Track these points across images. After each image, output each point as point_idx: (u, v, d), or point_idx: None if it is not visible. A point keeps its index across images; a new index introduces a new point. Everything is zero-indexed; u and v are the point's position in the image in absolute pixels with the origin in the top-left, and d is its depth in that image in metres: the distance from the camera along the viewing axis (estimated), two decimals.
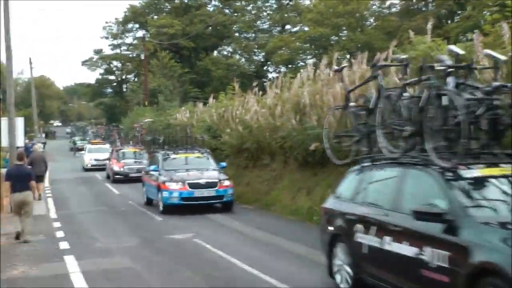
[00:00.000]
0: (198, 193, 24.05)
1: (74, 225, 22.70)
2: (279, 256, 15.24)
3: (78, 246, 17.98)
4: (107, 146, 56.74)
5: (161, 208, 24.47)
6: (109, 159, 43.68)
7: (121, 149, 43.60)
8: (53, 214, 26.07)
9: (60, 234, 20.41)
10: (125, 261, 15.47)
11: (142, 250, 17.00)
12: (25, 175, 19.44)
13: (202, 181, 24.28)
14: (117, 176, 40.01)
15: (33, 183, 19.53)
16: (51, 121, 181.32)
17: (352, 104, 13.67)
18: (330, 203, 12.63)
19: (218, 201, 24.47)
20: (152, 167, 26.37)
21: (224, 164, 26.76)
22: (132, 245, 17.81)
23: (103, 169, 47.18)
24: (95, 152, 53.72)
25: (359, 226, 10.82)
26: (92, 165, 52.02)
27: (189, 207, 23.96)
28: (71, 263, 15.41)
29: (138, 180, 34.52)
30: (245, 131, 28.17)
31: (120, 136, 56.12)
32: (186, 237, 18.59)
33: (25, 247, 18.17)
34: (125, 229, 21.09)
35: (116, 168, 40.40)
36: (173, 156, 26.98)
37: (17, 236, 19.18)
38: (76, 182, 41.86)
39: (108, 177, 42.57)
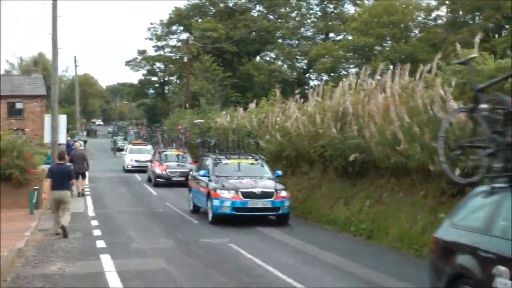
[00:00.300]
0: (252, 203, 21.96)
1: (111, 224, 22.86)
2: (315, 265, 15.18)
3: (114, 245, 18.11)
4: (149, 147, 54.86)
5: (210, 217, 22.56)
6: (151, 161, 41.99)
7: (163, 151, 41.89)
8: (91, 212, 26.28)
9: (97, 232, 20.57)
10: (160, 262, 15.52)
11: (177, 252, 17.06)
12: (65, 174, 20.32)
13: (257, 190, 22.17)
14: (159, 180, 38.00)
15: (73, 181, 21.15)
16: (93, 120, 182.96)
17: (483, 106, 10.37)
18: (447, 232, 10.22)
19: (273, 213, 22.43)
20: (202, 172, 24.40)
21: (280, 172, 24.70)
22: (167, 247, 17.88)
23: (143, 171, 45.65)
24: (136, 153, 52.09)
25: (502, 269, 8.32)
26: (132, 166, 50.35)
27: (240, 218, 22.16)
28: (106, 262, 15.56)
29: (180, 184, 35.04)
30: (284, 138, 28.09)
31: (164, 137, 53.07)
32: (221, 242, 18.61)
33: (63, 243, 18.34)
34: (161, 231, 21.17)
35: (158, 171, 38.35)
36: (225, 161, 24.71)
37: (64, 232, 19.56)
38: (115, 182, 41.39)
39: (149, 180, 40.76)
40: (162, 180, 37.88)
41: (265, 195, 22.06)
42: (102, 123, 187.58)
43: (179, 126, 52.25)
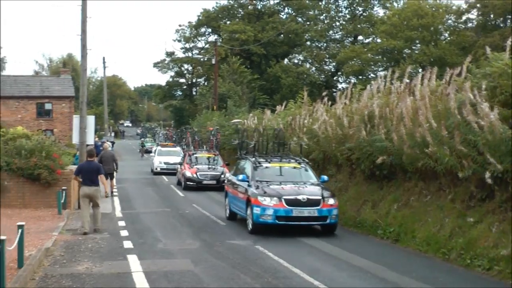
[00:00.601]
0: (297, 212, 20.06)
1: (138, 224, 22.94)
2: (341, 268, 15.13)
3: (141, 246, 18.19)
4: (178, 149, 52.56)
5: (250, 226, 20.90)
6: (180, 163, 40.39)
7: (194, 154, 39.74)
8: (118, 213, 26.42)
9: (124, 233, 20.68)
10: (186, 263, 15.58)
11: (203, 253, 17.07)
12: (94, 170, 21.27)
13: (302, 197, 20.13)
14: (189, 183, 36.63)
15: (102, 177, 21.57)
16: (121, 121, 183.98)
17: None
18: None
19: (320, 222, 20.64)
20: (240, 177, 22.35)
21: (326, 178, 22.79)
22: (193, 248, 17.92)
23: (172, 174, 44.76)
24: (165, 155, 50.58)
25: None
26: (161, 169, 49.01)
27: (283, 227, 20.50)
28: (133, 262, 15.64)
29: (211, 188, 35.83)
30: (311, 140, 28.04)
31: (194, 139, 50.07)
32: (248, 243, 18.63)
33: (90, 243, 18.45)
34: (188, 232, 21.22)
35: (188, 174, 36.82)
36: (265, 165, 22.52)
37: (86, 229, 20.48)
38: (142, 184, 41.22)
39: (178, 183, 39.42)
40: (192, 183, 36.63)
41: (311, 203, 20.10)
42: (130, 124, 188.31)
43: (209, 128, 50.46)
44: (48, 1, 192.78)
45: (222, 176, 35.26)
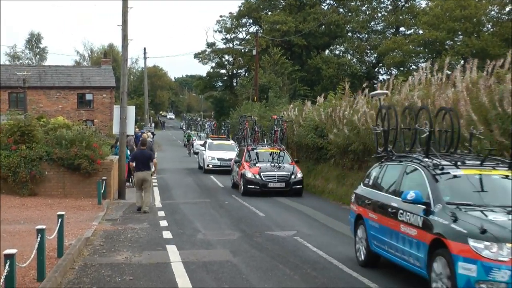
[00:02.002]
0: None
1: (177, 215, 23.00)
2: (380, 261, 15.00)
3: (180, 236, 18.22)
4: (231, 143, 46.77)
5: None
6: (237, 161, 32.97)
7: (254, 149, 32.42)
8: (158, 203, 26.56)
9: (163, 223, 20.72)
10: (225, 254, 15.58)
11: (242, 244, 17.06)
12: (147, 157, 24.44)
13: None
14: (250, 187, 29.60)
15: (154, 161, 25.27)
16: (164, 113, 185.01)
17: None
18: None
19: None
20: (411, 195, 11.80)
21: None
22: (233, 239, 17.90)
23: (226, 172, 39.22)
24: (217, 150, 44.19)
25: None
26: (213, 165, 42.81)
27: None
28: (172, 252, 15.66)
29: (279, 192, 29.58)
30: (351, 132, 27.87)
31: (254, 130, 39.51)
32: (287, 235, 18.56)
33: (130, 233, 18.52)
34: (227, 222, 21.21)
35: (249, 174, 29.80)
36: (454, 171, 12.07)
37: (139, 209, 23.87)
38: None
39: (234, 186, 33.22)
40: (254, 187, 29.66)
41: None
42: (173, 116, 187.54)
43: (273, 116, 41.04)
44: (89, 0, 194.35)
45: (293, 177, 29.57)
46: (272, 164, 30.46)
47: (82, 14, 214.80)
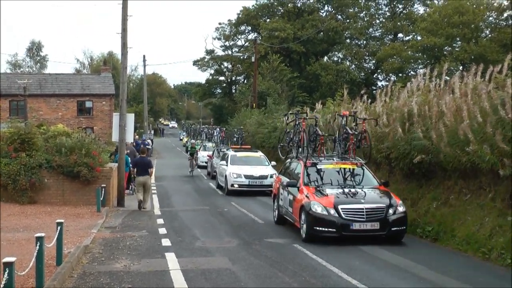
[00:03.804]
0: None
1: (176, 222, 23.05)
2: (379, 267, 14.99)
3: (179, 244, 18.25)
4: (260, 154, 37.14)
5: None
6: (293, 184, 20.61)
7: (315, 164, 20.80)
8: (157, 210, 26.62)
9: (162, 231, 20.76)
10: (224, 261, 15.57)
11: (241, 251, 17.05)
12: (146, 163, 27.57)
13: None
14: (321, 229, 18.13)
15: (151, 170, 28.18)
16: (166, 122, 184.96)
17: None
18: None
19: None
20: None
21: None
22: (231, 246, 17.93)
23: (256, 193, 32.60)
24: (242, 164, 34.68)
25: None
26: (240, 185, 33.29)
27: None
28: (171, 260, 15.68)
29: (367, 238, 18.27)
30: None
31: (317, 136, 22.52)
32: (285, 242, 18.59)
33: (129, 241, 18.55)
34: (226, 230, 21.23)
35: (317, 208, 18.33)
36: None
37: (139, 206, 26.77)
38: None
39: (280, 220, 22.17)
40: (328, 229, 18.11)
41: None
42: (176, 125, 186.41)
43: (344, 112, 24.04)
44: (89, 1, 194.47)
45: (391, 211, 18.21)
46: (348, 190, 19.22)
47: (82, 14, 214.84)
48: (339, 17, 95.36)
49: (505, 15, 70.09)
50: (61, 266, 13.84)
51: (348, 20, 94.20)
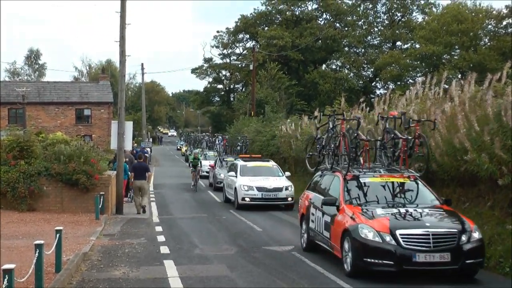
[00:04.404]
0: None
1: (175, 230, 23.05)
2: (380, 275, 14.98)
3: (177, 251, 18.25)
4: (272, 164, 34.21)
5: None
6: (330, 202, 16.16)
7: (357, 177, 16.67)
8: (155, 218, 26.63)
9: (161, 238, 20.77)
10: (223, 269, 15.56)
11: (239, 259, 17.06)
12: (144, 168, 28.84)
13: None
14: (374, 261, 13.98)
15: (150, 174, 30.33)
16: (165, 130, 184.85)
17: None
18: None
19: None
20: None
21: None
22: (230, 254, 17.93)
23: (271, 207, 29.78)
24: (254, 175, 31.77)
25: None
26: (252, 199, 30.17)
27: None
28: (170, 267, 15.69)
29: (433, 273, 14.27)
30: None
31: (358, 141, 17.99)
32: (284, 250, 18.58)
33: (127, 248, 18.56)
34: (224, 237, 21.23)
35: (368, 233, 14.20)
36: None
37: (138, 210, 28.20)
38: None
39: (311, 246, 18.01)
40: (383, 261, 13.96)
41: None
42: (175, 133, 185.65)
43: (391, 113, 19.75)
44: (87, 8, 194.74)
45: (464, 238, 14.15)
46: (405, 210, 15.08)
47: (82, 14, 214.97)
48: (338, 25, 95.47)
49: (504, 23, 70.22)
50: (60, 273, 13.85)
51: (346, 28, 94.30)
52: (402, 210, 15.06)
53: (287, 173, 32.61)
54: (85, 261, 16.22)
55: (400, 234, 13.83)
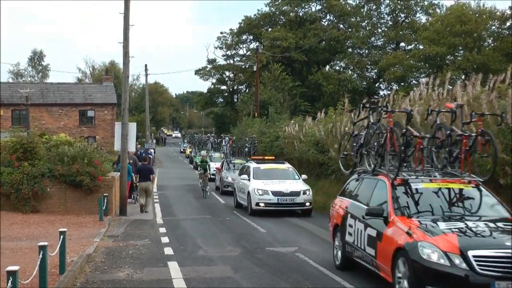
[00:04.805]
0: None
1: (178, 231, 23.05)
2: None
3: (181, 252, 18.25)
4: (288, 166, 31.72)
5: None
6: (376, 213, 13.35)
7: (406, 181, 13.85)
8: (159, 219, 26.62)
9: (165, 239, 20.76)
10: (227, 270, 15.56)
11: (243, 260, 17.04)
12: (148, 170, 29.58)
13: None
14: None
15: (154, 176, 30.74)
16: (169, 132, 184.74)
17: None
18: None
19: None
20: None
21: None
22: (234, 255, 17.92)
23: (287, 213, 27.81)
24: (268, 178, 29.46)
25: None
26: (267, 204, 28.06)
27: None
28: (174, 269, 15.70)
29: None
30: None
31: (409, 138, 14.44)
32: (288, 251, 18.56)
33: (131, 250, 18.55)
34: (228, 239, 21.23)
35: (432, 254, 11.36)
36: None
37: (141, 209, 28.95)
38: None
39: (346, 263, 15.57)
40: None
41: None
42: (179, 135, 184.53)
43: (448, 105, 15.64)
44: (90, 9, 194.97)
45: None
46: (475, 225, 12.18)
47: (82, 14, 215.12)
48: (341, 26, 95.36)
49: (508, 24, 70.06)
50: (64, 274, 13.86)
51: (350, 29, 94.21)
52: (471, 224, 12.11)
53: (304, 176, 30.60)
54: (89, 263, 16.21)
55: (474, 256, 10.94)
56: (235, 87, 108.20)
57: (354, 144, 17.52)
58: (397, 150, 14.14)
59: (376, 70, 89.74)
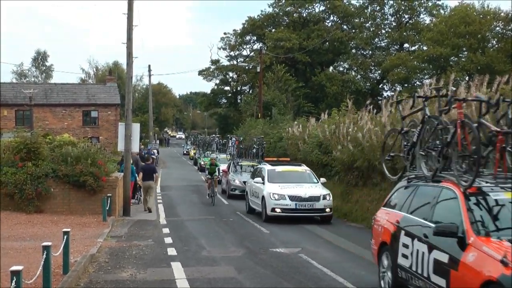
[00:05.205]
0: None
1: (182, 232, 23.06)
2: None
3: (185, 253, 18.26)
4: (305, 169, 29.47)
5: None
6: (459, 238, 10.02)
7: (483, 192, 10.59)
8: (162, 220, 26.64)
9: (168, 240, 20.78)
10: (230, 271, 15.57)
11: (247, 261, 17.06)
12: (151, 170, 30.49)
13: None
14: None
15: (156, 175, 32.16)
16: (173, 133, 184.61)
17: None
18: None
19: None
20: None
21: None
22: (237, 256, 17.94)
23: (303, 220, 25.79)
24: (284, 182, 27.41)
25: None
26: (284, 210, 25.84)
27: None
28: (177, 269, 15.71)
29: None
30: (356, 149, 27.86)
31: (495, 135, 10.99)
32: (291, 252, 18.56)
33: (135, 250, 18.56)
34: (231, 239, 21.23)
35: None
36: None
37: (148, 209, 29.44)
38: None
39: None
40: None
41: None
42: (183, 136, 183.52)
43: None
44: (94, 9, 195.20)
45: None
46: None
47: (82, 14, 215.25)
48: (345, 27, 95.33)
49: None
50: (68, 274, 13.87)
51: (354, 30, 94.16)
52: None
53: (322, 179, 28.72)
54: (92, 263, 16.23)
55: None
56: (239, 88, 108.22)
57: (404, 143, 14.33)
58: (470, 149, 10.98)
59: (379, 71, 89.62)
